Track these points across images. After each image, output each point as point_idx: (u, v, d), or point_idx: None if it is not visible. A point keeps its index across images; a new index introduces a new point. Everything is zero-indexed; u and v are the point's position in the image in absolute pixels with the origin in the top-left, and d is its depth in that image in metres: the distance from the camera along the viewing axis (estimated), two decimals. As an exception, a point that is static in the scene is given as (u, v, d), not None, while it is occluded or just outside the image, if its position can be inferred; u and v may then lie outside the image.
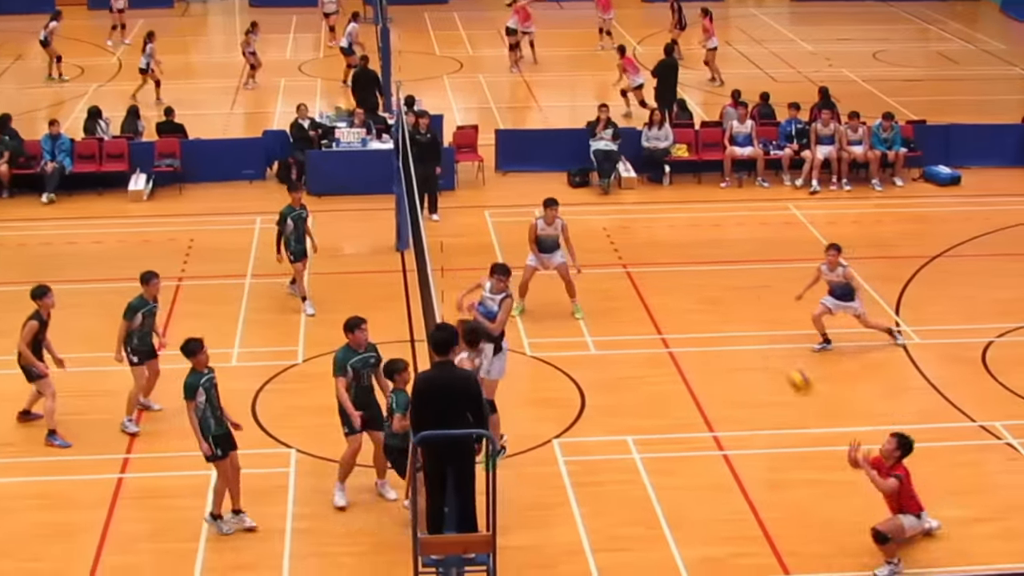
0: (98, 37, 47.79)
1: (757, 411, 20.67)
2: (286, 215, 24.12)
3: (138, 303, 20.33)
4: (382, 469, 18.40)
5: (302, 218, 24.27)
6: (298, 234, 24.24)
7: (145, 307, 20.38)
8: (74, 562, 17.01)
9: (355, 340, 18.14)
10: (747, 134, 31.97)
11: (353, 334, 18.15)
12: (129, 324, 20.20)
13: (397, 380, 17.66)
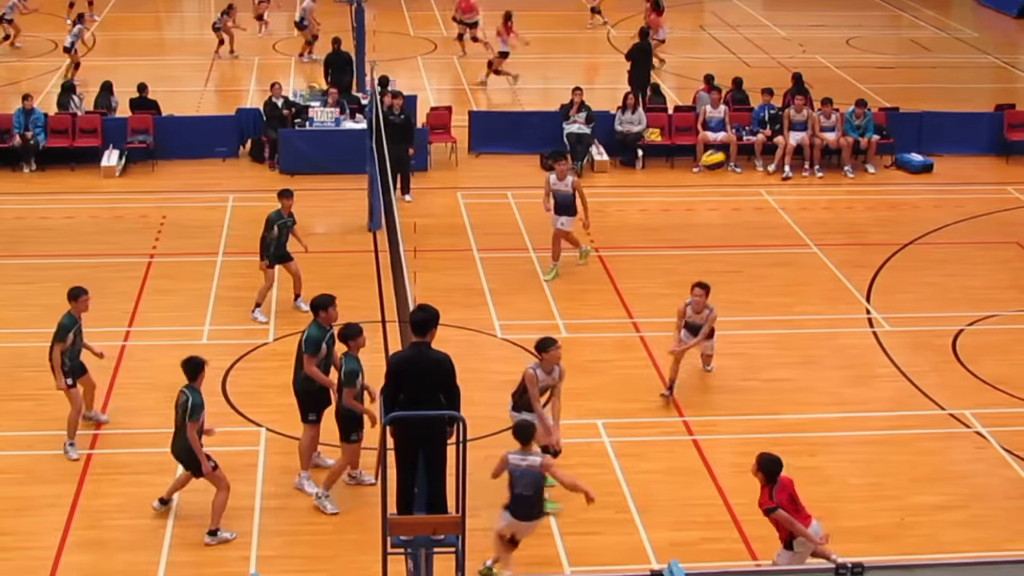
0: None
1: (727, 396, 20.75)
2: (273, 221, 23.26)
3: (69, 322, 19.09)
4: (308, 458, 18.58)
5: (287, 226, 23.46)
6: (280, 241, 23.41)
7: (75, 325, 19.22)
8: (42, 536, 17.00)
9: (328, 317, 18.15)
10: (720, 119, 32.01)
11: (327, 312, 18.15)
12: (63, 345, 18.99)
13: (352, 345, 17.74)
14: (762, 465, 15.39)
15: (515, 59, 42.03)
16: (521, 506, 15.71)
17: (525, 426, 15.80)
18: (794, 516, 15.39)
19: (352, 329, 17.73)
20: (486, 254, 26.19)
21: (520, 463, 15.55)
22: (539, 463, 15.58)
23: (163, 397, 20.48)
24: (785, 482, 15.56)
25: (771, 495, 15.36)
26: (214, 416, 19.66)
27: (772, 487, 15.39)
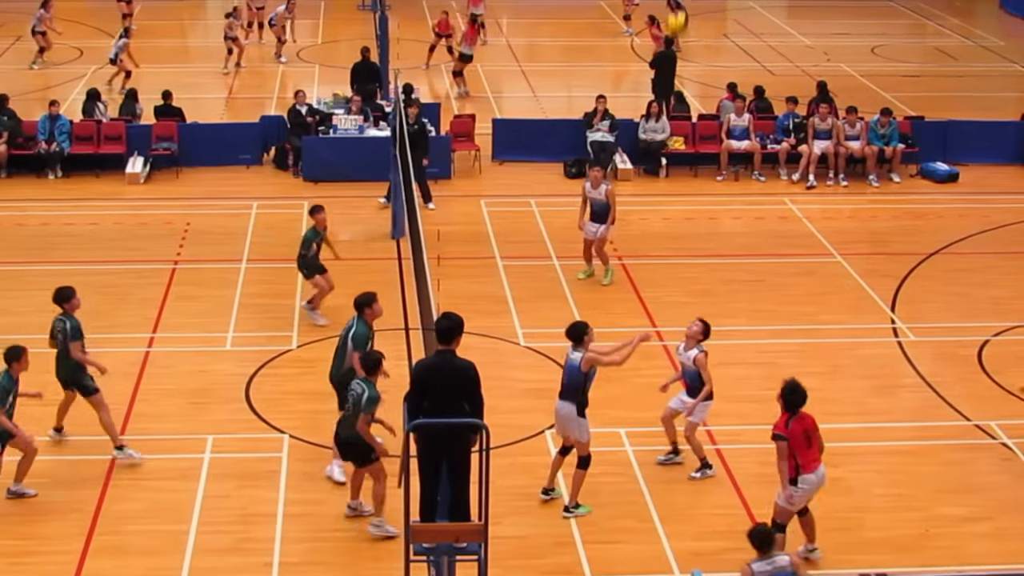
0: (96, 19, 47.73)
1: (749, 405, 20.65)
2: (311, 239, 23.30)
3: (6, 383, 17.87)
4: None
5: (322, 239, 23.55)
6: (316, 254, 23.44)
7: (13, 387, 17.97)
8: (65, 541, 17.01)
9: (372, 313, 18.61)
10: (744, 128, 31.95)
11: (371, 308, 18.60)
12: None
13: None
14: (783, 392, 16.10)
15: (538, 67, 42.11)
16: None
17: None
18: (803, 453, 16.02)
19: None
20: (509, 262, 26.17)
21: None
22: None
23: (186, 403, 20.59)
24: (807, 419, 16.14)
25: (786, 424, 16.00)
26: (238, 423, 19.77)
27: (790, 417, 16.02)
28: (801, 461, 16.11)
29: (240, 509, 17.82)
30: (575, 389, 17.52)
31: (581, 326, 17.74)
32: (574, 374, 17.43)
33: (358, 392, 16.81)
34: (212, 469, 18.69)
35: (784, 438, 15.99)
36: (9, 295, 24.48)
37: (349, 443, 17.04)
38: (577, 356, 17.43)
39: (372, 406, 16.76)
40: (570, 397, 17.57)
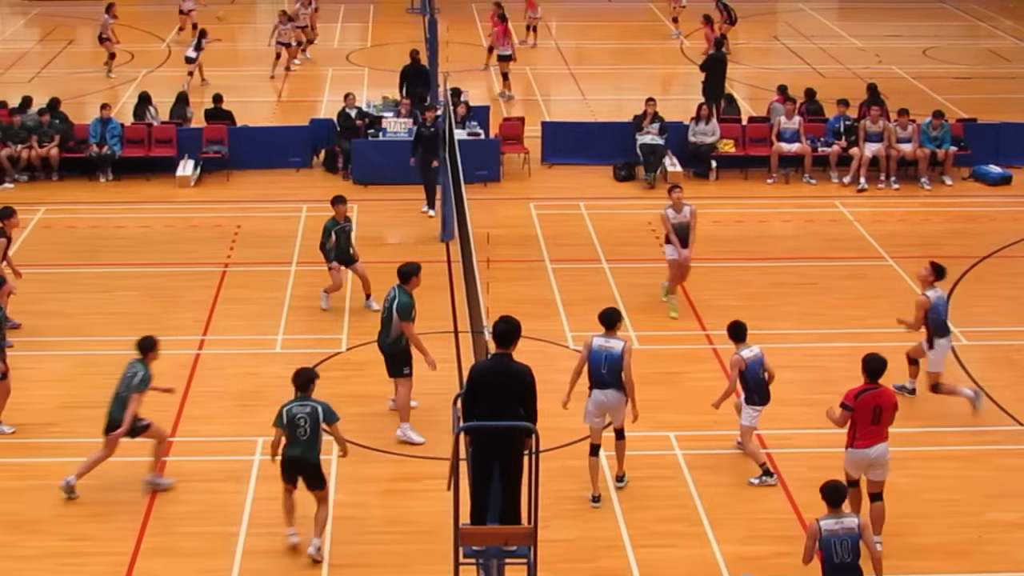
0: (149, 23, 48.01)
1: (799, 409, 20.57)
2: (330, 229, 23.89)
3: (148, 373, 18.46)
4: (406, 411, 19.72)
5: (346, 231, 24.06)
6: (340, 247, 23.91)
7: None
8: (116, 543, 17.10)
9: (417, 283, 19.66)
10: (794, 130, 31.83)
11: (417, 277, 19.69)
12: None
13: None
14: (865, 363, 16.64)
15: (588, 70, 42.06)
16: None
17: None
18: (864, 428, 16.46)
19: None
20: (558, 265, 26.15)
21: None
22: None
23: (235, 405, 20.67)
24: (885, 394, 16.59)
25: (857, 395, 16.46)
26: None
27: (868, 389, 16.50)
28: (859, 434, 16.50)
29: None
30: (618, 376, 17.83)
31: (618, 312, 18.25)
32: (616, 361, 17.75)
33: (309, 412, 16.70)
34: (262, 471, 18.73)
35: (851, 408, 16.45)
36: (60, 297, 24.63)
37: (304, 464, 16.81)
38: (618, 344, 17.81)
39: (335, 414, 16.86)
40: (615, 384, 17.88)
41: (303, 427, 16.64)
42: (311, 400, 16.80)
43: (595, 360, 17.91)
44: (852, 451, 16.65)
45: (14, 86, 37.77)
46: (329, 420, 16.77)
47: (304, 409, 16.68)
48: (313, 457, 16.76)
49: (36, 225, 28.33)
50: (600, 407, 18.01)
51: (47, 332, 23.02)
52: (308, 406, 16.71)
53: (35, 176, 31.35)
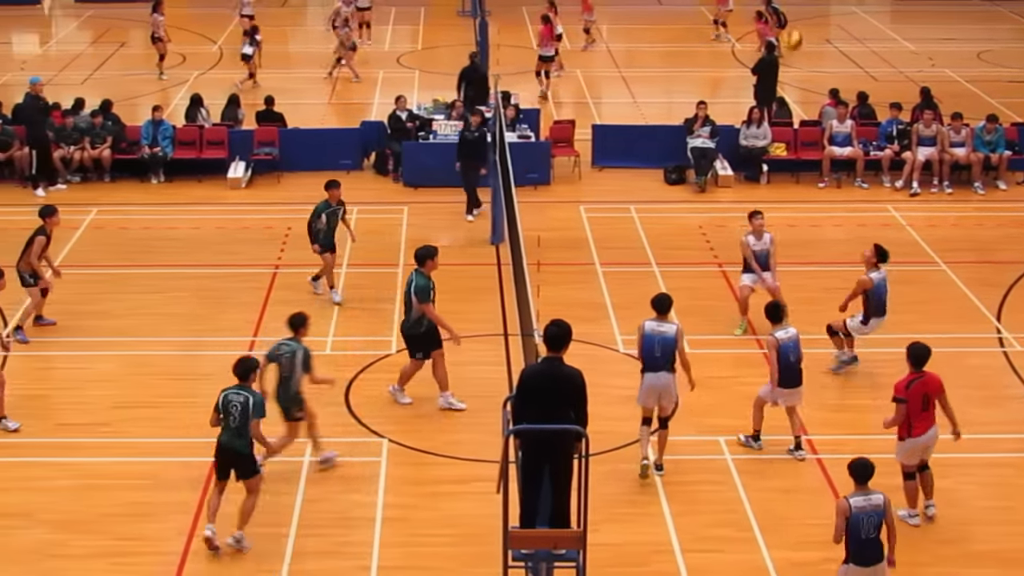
0: (200, 25, 48.24)
1: (851, 415, 20.50)
2: (320, 211, 24.34)
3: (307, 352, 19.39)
4: (444, 382, 20.44)
5: (336, 214, 24.42)
6: (329, 229, 24.35)
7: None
8: (167, 543, 17.17)
9: (432, 266, 20.18)
10: (846, 134, 31.68)
11: (433, 261, 20.24)
12: None
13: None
14: (909, 352, 17.21)
15: (638, 73, 42.00)
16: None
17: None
18: (916, 416, 17.01)
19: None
20: (608, 268, 26.10)
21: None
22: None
23: (286, 407, 20.68)
24: (930, 380, 17.07)
25: (907, 386, 16.99)
26: (337, 427, 19.81)
27: (915, 379, 16.98)
28: (913, 423, 17.02)
29: (339, 513, 17.89)
30: (671, 359, 18.38)
31: (669, 298, 18.83)
32: (670, 344, 18.35)
33: (242, 401, 16.83)
34: (311, 473, 18.78)
35: (904, 401, 16.92)
36: (112, 297, 24.75)
37: (232, 453, 16.95)
38: (671, 327, 18.47)
39: (262, 410, 16.90)
40: (667, 367, 18.39)
41: (234, 415, 16.81)
42: (247, 390, 16.91)
43: (648, 344, 18.41)
44: (910, 441, 17.08)
45: (67, 88, 37.97)
46: (255, 414, 16.79)
47: (239, 397, 16.84)
48: (240, 446, 16.88)
49: (88, 226, 28.47)
50: (653, 390, 18.49)
51: (98, 332, 23.14)
52: (243, 395, 16.84)
53: (87, 177, 31.52)
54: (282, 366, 18.43)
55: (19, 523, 17.65)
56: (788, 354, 18.92)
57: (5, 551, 17.07)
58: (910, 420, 17.00)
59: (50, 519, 17.72)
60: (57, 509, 17.95)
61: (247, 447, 16.89)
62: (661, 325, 18.49)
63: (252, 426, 16.79)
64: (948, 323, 23.75)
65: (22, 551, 17.06)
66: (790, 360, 18.93)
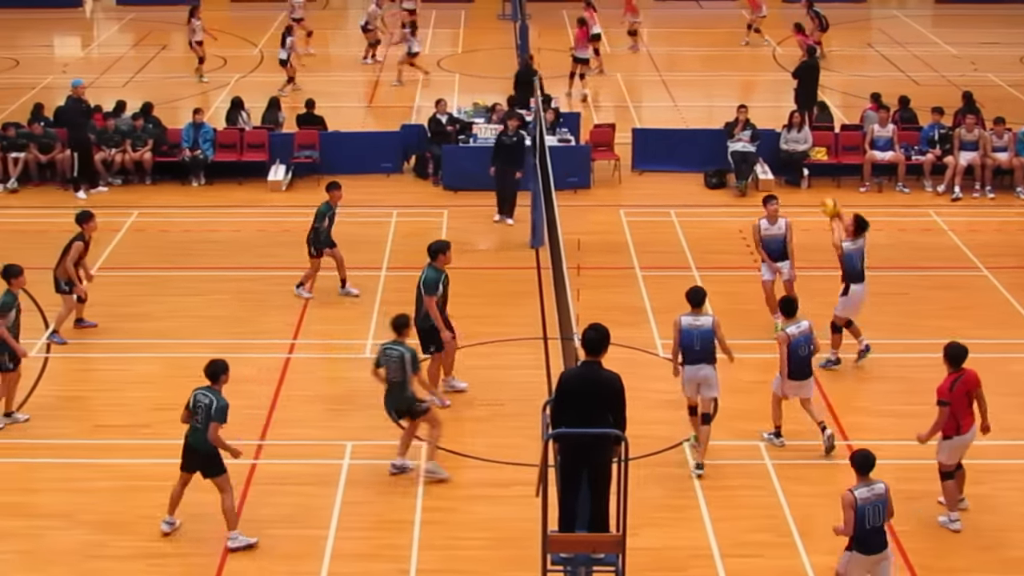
0: (241, 28, 48.40)
1: (890, 420, 20.40)
2: (324, 213, 24.73)
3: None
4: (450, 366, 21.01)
5: (334, 215, 25.03)
6: (328, 230, 24.82)
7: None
8: (206, 544, 17.23)
9: (444, 260, 20.49)
10: (888, 138, 31.56)
11: (445, 255, 20.55)
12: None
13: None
14: (947, 352, 17.31)
15: (679, 77, 41.97)
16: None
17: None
18: (963, 414, 17.15)
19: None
20: (648, 272, 26.07)
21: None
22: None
23: (325, 410, 20.77)
24: (970, 377, 17.20)
25: (951, 387, 17.07)
26: (376, 430, 19.84)
27: (956, 378, 17.08)
28: (960, 421, 17.17)
29: (378, 515, 17.93)
30: (711, 351, 18.78)
31: (703, 291, 19.29)
32: (708, 336, 18.75)
33: (206, 403, 16.93)
34: (350, 475, 18.83)
35: (948, 403, 17.03)
36: (152, 300, 24.84)
37: (197, 453, 17.10)
38: (707, 319, 18.87)
39: (222, 415, 16.89)
40: (708, 359, 18.81)
41: (200, 415, 16.97)
42: (213, 392, 16.99)
43: (687, 338, 18.77)
44: (958, 438, 17.26)
45: (108, 90, 38.19)
46: (215, 417, 16.85)
47: (205, 399, 16.96)
48: (203, 446, 16.97)
49: (129, 228, 28.59)
50: (692, 381, 18.88)
51: (139, 335, 23.24)
52: (209, 397, 16.95)
53: (128, 180, 31.66)
54: (391, 370, 18.52)
55: (59, 524, 17.74)
56: (799, 348, 19.17)
57: (45, 552, 17.17)
58: (957, 419, 17.11)
59: (90, 520, 17.81)
60: (97, 510, 18.04)
61: (212, 447, 17.00)
62: (697, 319, 18.84)
63: (210, 428, 16.85)
64: (990, 329, 23.61)
65: (62, 552, 17.15)
66: (800, 354, 19.19)
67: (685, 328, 18.76)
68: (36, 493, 18.60)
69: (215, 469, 17.10)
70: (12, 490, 18.76)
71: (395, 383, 18.53)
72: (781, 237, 23.41)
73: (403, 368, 18.40)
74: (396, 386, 18.55)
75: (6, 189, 31.01)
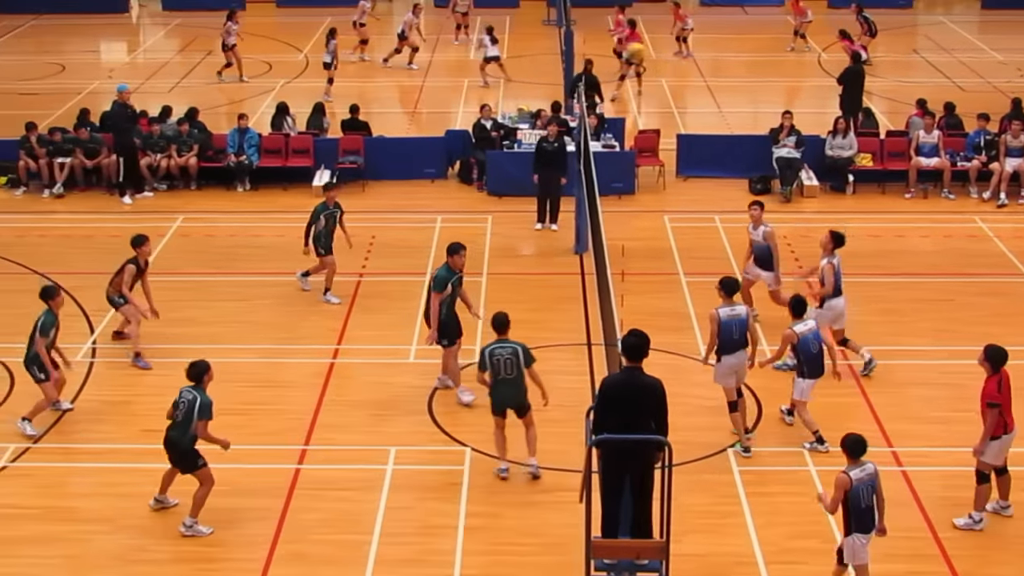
0: (286, 33, 48.57)
1: (934, 427, 20.32)
2: (319, 212, 24.98)
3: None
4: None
5: (334, 216, 25.10)
6: (327, 230, 25.00)
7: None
8: (250, 549, 17.29)
9: (456, 263, 20.89)
10: (933, 144, 31.42)
11: (457, 256, 20.92)
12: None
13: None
14: (988, 354, 17.37)
15: (724, 82, 41.92)
16: None
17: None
18: (1008, 412, 17.40)
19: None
20: (692, 278, 26.01)
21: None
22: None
23: (368, 415, 20.80)
24: (1006, 376, 17.35)
25: (999, 388, 17.29)
26: (420, 435, 19.90)
27: (999, 379, 17.19)
28: (1007, 420, 17.38)
29: (421, 521, 17.94)
30: (745, 337, 19.57)
31: (736, 280, 20.26)
32: (743, 324, 19.56)
33: (189, 399, 17.45)
34: (394, 480, 18.86)
35: (999, 405, 17.22)
36: (198, 305, 24.93)
37: (175, 448, 17.59)
38: (741, 309, 19.71)
39: (207, 412, 17.39)
40: (744, 345, 19.60)
41: (180, 411, 17.49)
42: (197, 390, 17.50)
43: (727, 328, 19.49)
44: (1006, 437, 17.49)
45: (154, 96, 38.39)
46: (200, 415, 17.39)
47: (188, 395, 17.49)
48: (182, 442, 17.48)
49: (174, 234, 28.71)
50: (732, 369, 19.54)
51: (184, 339, 23.28)
52: (192, 394, 17.48)
53: (174, 185, 31.79)
54: (504, 367, 18.60)
55: (103, 528, 17.83)
56: (809, 346, 19.42)
57: (89, 556, 17.25)
58: (1003, 417, 17.27)
59: (134, 525, 17.88)
60: (141, 515, 18.11)
61: (189, 443, 17.46)
62: (733, 309, 19.59)
63: (199, 427, 17.36)
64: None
65: (106, 556, 17.24)
66: (812, 351, 19.45)
67: (724, 320, 19.45)
68: (80, 498, 18.69)
69: (191, 465, 17.57)
70: (57, 495, 18.88)
71: (509, 380, 18.58)
72: (762, 245, 23.63)
73: (518, 363, 18.49)
74: (510, 383, 18.61)
75: (52, 194, 31.18)
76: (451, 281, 20.84)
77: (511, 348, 18.56)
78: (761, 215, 23.55)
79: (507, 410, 18.72)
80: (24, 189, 31.41)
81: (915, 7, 54.73)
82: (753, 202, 23.89)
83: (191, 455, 17.54)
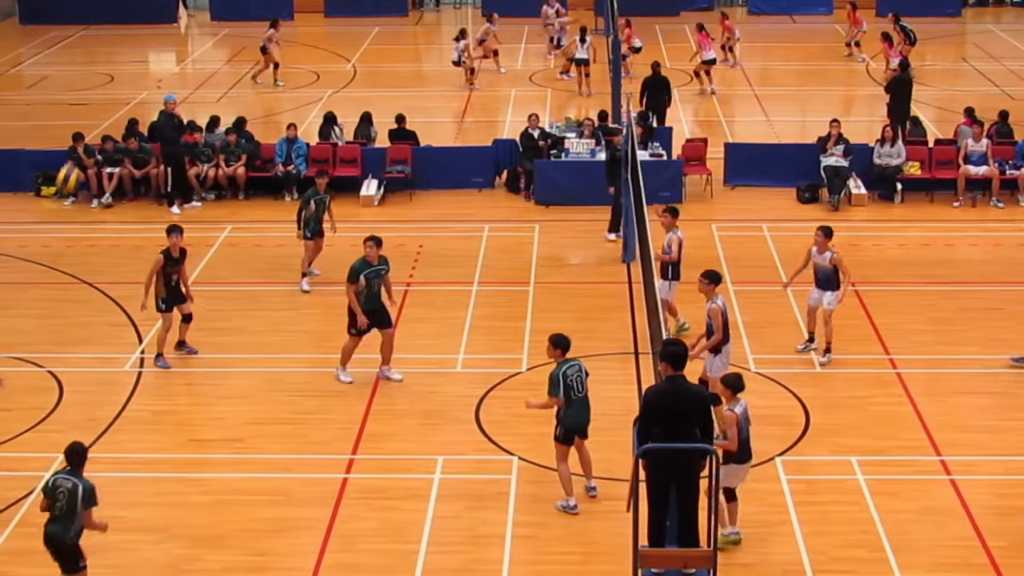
0: (334, 43, 48.73)
1: (986, 436, 20.21)
2: (309, 198, 26.09)
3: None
4: (388, 357, 22.03)
5: (324, 202, 26.22)
6: (318, 215, 26.14)
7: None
8: (298, 558, 17.32)
9: (369, 254, 21.65)
10: (982, 153, 31.26)
11: (366, 245, 21.72)
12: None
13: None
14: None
15: (771, 91, 41.83)
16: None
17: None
18: None
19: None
20: (740, 287, 25.94)
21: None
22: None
23: (416, 424, 20.83)
24: None
25: None
26: (468, 444, 19.95)
27: None
28: None
29: (469, 530, 17.94)
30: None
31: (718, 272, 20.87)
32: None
33: (69, 488, 15.43)
34: (442, 490, 18.87)
35: None
36: (246, 314, 25.02)
37: (58, 546, 15.59)
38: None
39: (92, 498, 15.50)
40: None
41: (61, 501, 15.47)
42: (76, 476, 15.55)
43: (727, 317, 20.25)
44: None
45: (202, 106, 38.59)
46: (85, 503, 15.43)
47: (67, 483, 15.48)
48: (63, 537, 15.55)
49: (222, 243, 28.83)
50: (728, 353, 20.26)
51: (232, 349, 23.41)
52: (71, 481, 15.48)
53: (222, 195, 31.93)
54: (574, 388, 18.19)
55: (153, 538, 17.89)
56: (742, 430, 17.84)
57: (140, 566, 17.32)
58: None
59: (184, 534, 17.94)
60: (190, 524, 18.18)
61: (72, 538, 15.60)
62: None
63: (85, 516, 15.46)
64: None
65: (156, 566, 17.30)
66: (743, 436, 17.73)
67: (725, 309, 20.21)
68: (130, 507, 18.74)
69: (72, 565, 15.71)
70: (106, 504, 18.79)
71: (581, 399, 18.21)
72: (827, 268, 22.55)
73: (584, 383, 18.21)
74: (582, 402, 18.22)
75: (101, 204, 31.38)
76: (364, 273, 21.56)
77: (578, 366, 18.30)
78: (826, 242, 22.51)
79: (575, 437, 18.24)
80: (73, 199, 31.61)
81: (964, 16, 54.46)
82: (820, 227, 22.77)
83: (74, 553, 15.63)
